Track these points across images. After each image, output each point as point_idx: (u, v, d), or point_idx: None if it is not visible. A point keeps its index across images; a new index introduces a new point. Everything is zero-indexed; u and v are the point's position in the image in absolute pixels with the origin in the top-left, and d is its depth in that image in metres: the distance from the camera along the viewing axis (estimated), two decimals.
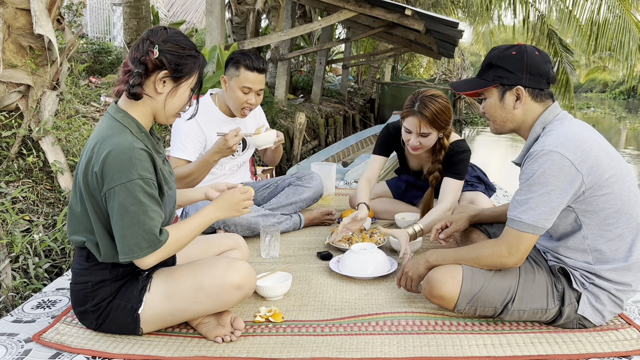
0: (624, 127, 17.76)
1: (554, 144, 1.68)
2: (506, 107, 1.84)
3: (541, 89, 1.81)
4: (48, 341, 1.75)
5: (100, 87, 6.08)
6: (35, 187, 3.45)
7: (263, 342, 1.77)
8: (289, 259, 2.58)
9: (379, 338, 1.79)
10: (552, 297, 1.82)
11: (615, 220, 1.73)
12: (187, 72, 1.71)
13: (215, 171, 3.03)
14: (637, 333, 1.79)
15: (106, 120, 1.69)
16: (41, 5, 3.60)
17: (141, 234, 1.59)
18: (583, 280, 1.80)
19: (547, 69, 1.81)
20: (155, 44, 1.66)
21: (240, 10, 10.08)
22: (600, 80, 39.39)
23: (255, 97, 2.84)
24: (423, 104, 2.59)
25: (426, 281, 1.90)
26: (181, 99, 1.74)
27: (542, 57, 1.81)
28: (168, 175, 1.79)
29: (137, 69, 1.65)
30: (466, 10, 16.12)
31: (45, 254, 2.93)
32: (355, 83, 19.53)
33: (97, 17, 14.28)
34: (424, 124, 2.60)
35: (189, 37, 1.76)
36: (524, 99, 1.81)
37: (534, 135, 1.82)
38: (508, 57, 1.81)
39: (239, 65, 2.77)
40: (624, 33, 8.72)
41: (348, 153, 8.67)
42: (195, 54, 1.73)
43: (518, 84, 1.80)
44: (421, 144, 2.67)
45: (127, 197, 1.57)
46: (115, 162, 1.57)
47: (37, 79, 3.72)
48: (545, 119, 1.80)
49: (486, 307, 1.84)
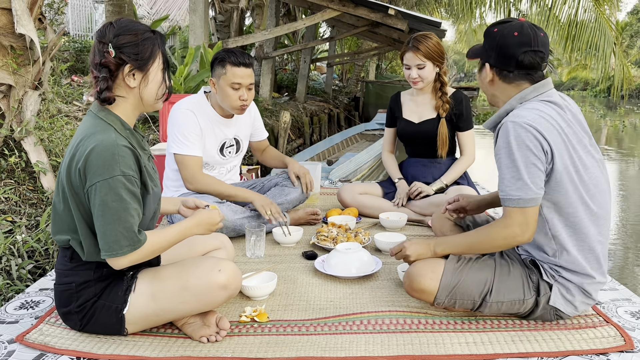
0: (604, 125, 18.01)
1: (523, 116, 1.73)
2: (483, 81, 1.91)
3: (509, 71, 1.82)
4: (32, 342, 1.74)
5: (83, 86, 6.04)
6: (17, 188, 3.42)
7: (248, 342, 1.78)
8: (275, 259, 2.60)
9: (363, 337, 1.81)
10: (527, 287, 1.86)
11: (575, 210, 1.77)
12: (150, 55, 1.69)
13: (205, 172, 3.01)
14: (615, 331, 1.82)
15: (89, 119, 1.69)
16: (22, 5, 3.57)
17: (121, 232, 1.59)
18: (552, 272, 1.85)
19: (519, 52, 1.78)
20: (108, 42, 1.64)
21: (224, 8, 10.05)
22: (582, 79, 39.82)
23: (247, 92, 2.82)
24: (416, 40, 3.03)
25: (407, 275, 1.94)
26: (155, 84, 1.73)
27: (519, 39, 1.79)
28: (152, 172, 1.79)
29: (101, 73, 1.64)
30: (449, 9, 16.22)
31: (29, 255, 2.92)
32: (340, 81, 19.57)
33: (79, 15, 14.13)
34: (419, 56, 3.01)
35: (138, 22, 1.73)
36: (492, 77, 1.87)
37: (508, 107, 1.85)
38: (489, 33, 1.86)
39: (224, 63, 2.76)
40: (600, 36, 8.89)
41: (333, 151, 8.70)
42: (150, 35, 1.70)
43: (488, 62, 1.86)
44: (420, 76, 3.06)
45: (109, 193, 1.57)
46: (98, 159, 1.57)
47: (19, 79, 3.69)
48: (525, 96, 1.82)
49: (465, 299, 1.87)
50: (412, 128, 3.22)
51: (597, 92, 34.28)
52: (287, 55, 16.12)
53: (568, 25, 9.04)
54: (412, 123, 3.23)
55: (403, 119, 3.27)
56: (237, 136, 3.08)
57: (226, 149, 3.04)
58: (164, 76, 1.76)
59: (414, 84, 3.11)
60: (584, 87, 39.42)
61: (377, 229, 3.03)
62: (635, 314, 1.98)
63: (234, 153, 3.10)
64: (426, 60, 3.02)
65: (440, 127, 3.15)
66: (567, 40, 9.12)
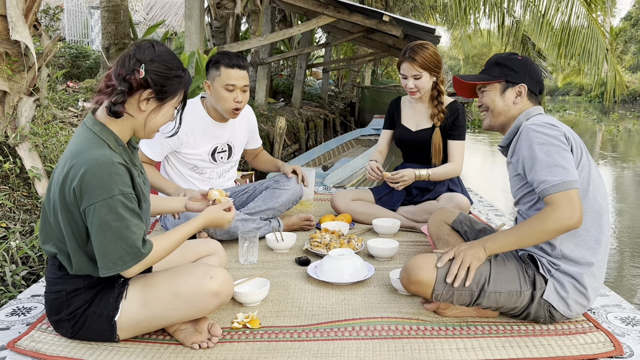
0: (599, 130, 18.09)
1: (539, 119, 1.93)
2: (506, 101, 2.07)
3: (535, 94, 2.08)
4: (23, 349, 1.74)
5: (78, 92, 6.04)
6: (12, 194, 3.42)
7: (240, 349, 1.79)
8: (268, 265, 2.60)
9: (355, 343, 1.81)
10: (524, 280, 1.90)
11: (586, 204, 1.87)
12: (172, 92, 1.71)
13: (195, 176, 3.03)
14: (605, 336, 1.84)
15: (83, 133, 1.67)
16: (17, 11, 3.58)
17: (124, 248, 1.60)
18: (549, 266, 1.90)
19: (542, 79, 2.11)
20: (142, 62, 1.64)
21: (219, 14, 10.07)
22: (577, 84, 40.00)
23: (242, 94, 2.83)
24: (412, 50, 3.04)
25: (404, 269, 1.96)
26: (164, 118, 1.75)
27: (538, 68, 2.12)
28: (144, 186, 1.80)
29: (120, 86, 1.63)
30: (444, 15, 16.30)
31: (23, 261, 2.92)
32: (335, 87, 19.62)
33: (75, 20, 14.15)
34: (415, 66, 3.02)
35: (175, 55, 1.74)
36: (523, 97, 2.05)
37: (517, 123, 2.04)
38: (514, 60, 2.08)
39: (218, 65, 2.78)
40: (592, 42, 8.97)
41: (329, 157, 8.72)
42: (182, 74, 1.72)
43: (521, 82, 2.05)
44: (416, 86, 3.07)
45: (109, 213, 1.57)
46: (95, 179, 1.56)
47: (14, 85, 3.69)
48: (530, 113, 2.04)
49: (463, 291, 1.87)
50: (409, 136, 3.24)
51: (591, 97, 34.47)
52: (283, 61, 16.17)
53: (561, 32, 9.10)
54: (410, 130, 3.25)
55: (401, 125, 3.29)
56: (230, 142, 3.09)
57: (217, 154, 3.05)
58: (175, 115, 1.78)
59: (411, 94, 3.13)
60: (578, 92, 39.60)
61: (370, 235, 3.04)
62: (625, 319, 1.99)
63: (226, 159, 3.11)
64: (422, 71, 3.04)
65: (434, 137, 3.16)
66: (560, 46, 9.18)
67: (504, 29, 10.53)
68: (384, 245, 2.67)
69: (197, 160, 2.99)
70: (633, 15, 38.44)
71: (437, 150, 3.16)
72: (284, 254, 2.77)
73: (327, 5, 7.57)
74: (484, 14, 10.07)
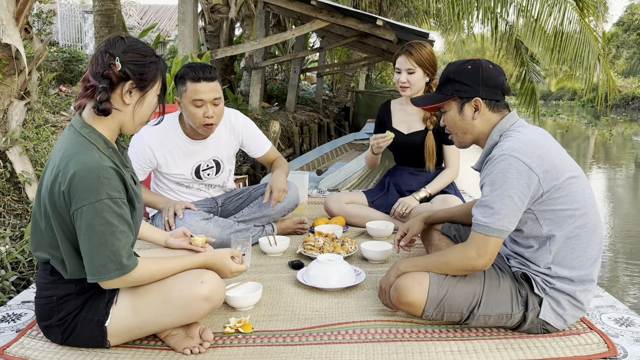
0: (592, 134, 18.18)
1: (512, 148, 1.76)
2: (465, 119, 1.93)
3: (497, 100, 1.91)
4: (12, 355, 1.72)
5: (71, 96, 6.01)
6: (2, 199, 3.39)
7: (232, 353, 1.77)
8: (261, 269, 2.58)
9: (348, 346, 1.80)
10: (516, 302, 1.86)
11: (573, 221, 1.79)
12: (152, 79, 1.71)
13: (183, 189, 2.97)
14: (599, 337, 1.83)
15: (71, 136, 1.66)
16: (8, 15, 3.56)
17: (108, 256, 1.58)
18: (544, 285, 1.85)
19: (502, 80, 1.90)
20: (116, 56, 1.64)
21: (213, 18, 10.07)
22: (570, 89, 40.19)
23: (213, 108, 2.64)
24: (410, 45, 3.09)
25: (394, 289, 1.93)
26: (150, 107, 1.74)
27: (496, 70, 1.91)
28: (136, 188, 1.78)
29: (101, 84, 1.63)
30: (437, 20, 16.35)
31: (12, 267, 2.89)
32: (329, 91, 19.62)
33: (69, 25, 14.13)
34: (411, 60, 3.04)
35: (145, 43, 1.75)
36: (481, 110, 1.90)
37: (491, 142, 1.90)
38: (464, 72, 1.91)
39: (184, 80, 2.62)
40: (584, 47, 9.01)
41: (323, 161, 8.71)
42: (156, 59, 1.73)
43: (475, 96, 1.89)
44: (409, 81, 3.07)
45: (95, 217, 1.56)
46: (83, 182, 1.55)
47: (4, 89, 3.67)
48: (503, 127, 1.89)
49: (453, 312, 1.87)
50: (401, 139, 3.21)
51: (584, 101, 34.66)
52: (277, 66, 16.17)
53: (554, 37, 9.14)
54: (401, 133, 3.23)
55: (392, 128, 3.27)
56: (216, 157, 2.96)
57: (203, 171, 2.94)
58: (159, 102, 1.77)
59: (402, 90, 3.11)
60: (572, 96, 39.79)
61: (363, 238, 3.03)
62: (618, 320, 1.99)
63: (214, 175, 2.99)
64: (417, 67, 3.05)
65: (427, 140, 3.15)
66: (552, 51, 9.22)
67: (497, 34, 10.56)
68: (377, 248, 2.66)
69: (180, 178, 2.90)
70: (625, 21, 38.76)
71: (431, 154, 3.15)
72: (277, 257, 2.76)
73: (320, 10, 7.58)
74: (477, 19, 10.11)
